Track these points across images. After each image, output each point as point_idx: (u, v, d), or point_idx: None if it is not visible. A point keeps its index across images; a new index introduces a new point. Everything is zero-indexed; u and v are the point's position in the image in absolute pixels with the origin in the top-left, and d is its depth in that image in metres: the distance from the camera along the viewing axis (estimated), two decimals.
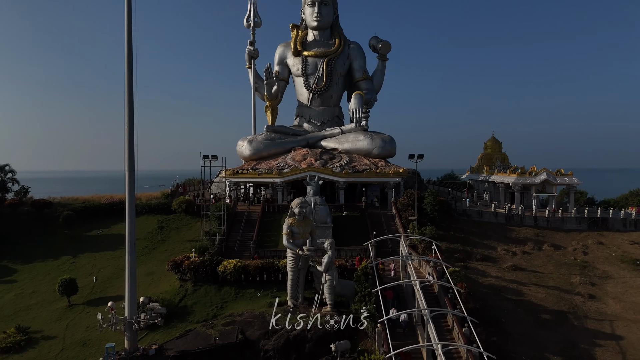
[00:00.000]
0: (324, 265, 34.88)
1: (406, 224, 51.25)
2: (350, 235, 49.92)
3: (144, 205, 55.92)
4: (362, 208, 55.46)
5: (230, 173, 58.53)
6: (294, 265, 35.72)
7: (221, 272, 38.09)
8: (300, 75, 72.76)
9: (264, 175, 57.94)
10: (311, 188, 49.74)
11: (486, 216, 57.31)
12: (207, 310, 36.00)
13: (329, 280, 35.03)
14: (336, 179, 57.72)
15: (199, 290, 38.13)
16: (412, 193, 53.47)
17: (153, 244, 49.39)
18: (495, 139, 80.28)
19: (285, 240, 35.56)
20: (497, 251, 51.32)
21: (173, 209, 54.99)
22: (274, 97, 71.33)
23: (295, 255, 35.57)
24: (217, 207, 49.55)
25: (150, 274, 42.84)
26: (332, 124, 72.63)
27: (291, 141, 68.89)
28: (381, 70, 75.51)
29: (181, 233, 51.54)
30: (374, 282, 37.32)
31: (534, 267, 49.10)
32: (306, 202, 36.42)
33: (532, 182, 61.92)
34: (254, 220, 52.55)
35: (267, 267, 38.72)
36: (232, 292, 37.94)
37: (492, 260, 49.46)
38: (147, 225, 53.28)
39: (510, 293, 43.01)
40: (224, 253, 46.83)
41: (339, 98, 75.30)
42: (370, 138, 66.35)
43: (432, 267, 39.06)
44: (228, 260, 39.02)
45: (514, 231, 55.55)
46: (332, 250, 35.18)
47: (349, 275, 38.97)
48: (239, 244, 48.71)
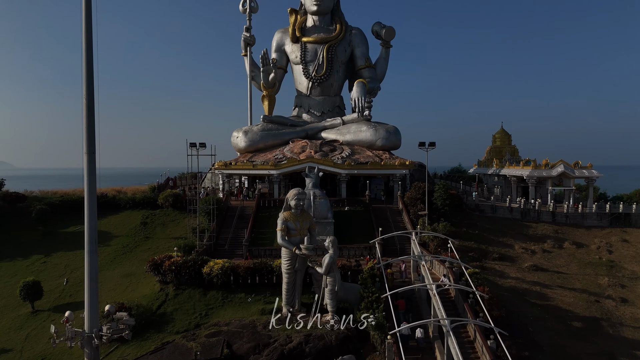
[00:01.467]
0: (324, 267, 29.40)
1: (415, 219, 45.72)
2: (353, 232, 44.44)
3: (128, 200, 50.44)
4: (365, 202, 49.94)
5: (222, 165, 53.00)
6: (290, 267, 30.22)
7: (206, 274, 32.54)
8: (299, 62, 67.15)
9: (259, 167, 52.39)
10: (310, 180, 44.26)
11: (500, 211, 51.73)
12: (189, 318, 30.47)
13: (330, 284, 29.54)
14: (338, 171, 52.18)
15: (181, 295, 32.55)
16: (421, 186, 47.94)
17: (135, 242, 43.84)
18: (504, 131, 74.70)
19: (280, 237, 30.03)
20: (515, 249, 45.78)
21: (159, 204, 49.44)
22: (271, 86, 65.71)
23: (291, 255, 30.07)
24: (207, 202, 44.02)
25: (129, 276, 37.30)
26: (332, 115, 67.03)
27: (289, 132, 63.31)
28: (385, 58, 69.88)
29: (167, 230, 45.99)
30: (382, 285, 31.85)
31: (557, 267, 43.57)
32: (304, 194, 30.88)
33: (549, 175, 56.34)
34: (247, 216, 47.04)
35: (259, 268, 33.17)
36: (219, 296, 32.39)
37: (510, 260, 43.93)
38: (131, 221, 47.77)
39: (534, 297, 37.49)
40: (213, 252, 41.33)
41: (340, 87, 69.69)
42: (374, 129, 60.81)
43: (447, 268, 33.54)
44: (215, 261, 33.47)
45: (531, 227, 50.00)
46: (334, 249, 29.69)
47: (353, 278, 33.45)
48: (231, 242, 43.22)
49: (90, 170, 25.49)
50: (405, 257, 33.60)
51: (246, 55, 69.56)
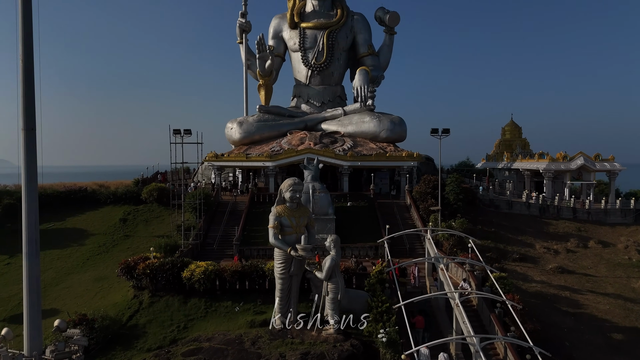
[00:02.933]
0: (325, 271, 24.18)
1: (425, 216, 40.51)
2: (356, 230, 39.24)
3: (109, 194, 45.14)
4: (370, 197, 44.70)
5: (212, 156, 47.75)
6: (284, 271, 24.96)
7: (186, 278, 27.24)
8: (298, 49, 61.86)
9: (253, 158, 47.12)
10: (309, 172, 39.03)
11: (517, 207, 46.48)
12: (164, 331, 25.21)
13: (332, 291, 24.31)
14: (339, 163, 46.95)
15: (157, 303, 27.25)
16: (431, 179, 42.70)
17: (113, 241, 38.56)
18: (514, 124, 69.36)
19: (272, 236, 24.71)
20: (536, 249, 40.57)
21: (143, 198, 44.19)
22: (267, 74, 60.34)
23: (285, 257, 24.80)
24: (194, 196, 38.79)
25: (101, 280, 32.01)
26: (333, 105, 61.73)
27: (287, 123, 58.01)
28: (388, 45, 64.46)
29: (150, 227, 40.72)
30: (393, 292, 26.64)
31: (583, 268, 38.37)
32: (301, 184, 25.57)
33: (567, 168, 51.09)
34: (240, 212, 41.82)
35: (248, 271, 27.86)
36: (202, 305, 27.07)
37: (532, 261, 38.72)
38: (111, 217, 42.46)
39: (564, 304, 32.26)
40: (199, 252, 36.16)
41: (341, 76, 64.36)
42: (378, 119, 55.52)
43: (468, 271, 28.34)
44: (196, 263, 28.15)
45: (551, 225, 44.78)
46: (336, 249, 24.47)
47: (359, 284, 28.19)
48: (220, 241, 37.99)
49: (29, 149, 20.08)
50: (421, 259, 28.30)
51: (242, 42, 64.10)
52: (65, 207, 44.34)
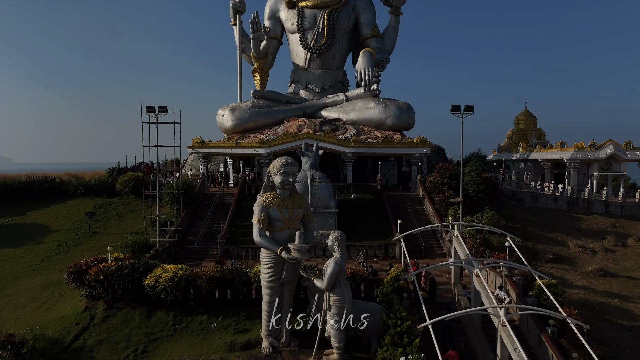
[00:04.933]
0: (327, 278, 17.82)
1: (441, 209, 34.27)
2: (363, 226, 33.01)
3: (79, 185, 38.88)
4: (376, 189, 38.47)
5: (197, 142, 41.43)
6: (273, 278, 18.62)
7: (149, 286, 20.98)
8: (296, 31, 55.54)
9: (243, 144, 40.82)
10: (308, 160, 32.81)
11: (542, 200, 40.18)
12: (117, 356, 18.94)
13: (336, 305, 17.96)
14: (342, 150, 40.70)
15: (113, 318, 20.96)
16: (447, 168, 36.48)
17: (77, 239, 32.27)
18: (528, 112, 63.10)
19: (258, 232, 18.22)
20: (570, 248, 34.30)
21: (118, 190, 37.94)
22: (262, 56, 53.94)
23: (275, 260, 18.42)
24: (173, 186, 32.51)
25: (51, 287, 25.61)
26: (334, 91, 55.38)
27: (284, 110, 51.69)
28: (394, 27, 58.20)
29: (123, 222, 34.46)
30: (413, 303, 20.36)
31: (627, 270, 32.09)
32: (295, 164, 19.20)
33: (595, 157, 44.82)
34: (227, 206, 35.59)
35: (229, 277, 21.54)
36: (169, 320, 20.78)
37: (567, 262, 32.43)
38: (79, 211, 36.07)
39: (616, 314, 25.95)
40: (177, 252, 29.93)
41: (343, 60, 58.02)
42: (383, 105, 49.23)
43: (505, 276, 22.04)
44: (164, 267, 21.77)
45: (582, 220, 38.49)
46: (341, 249, 18.09)
47: (368, 292, 21.87)
48: (203, 238, 31.75)
49: None
50: (450, 262, 21.95)
51: (235, 24, 57.74)
52: (29, 200, 38.04)
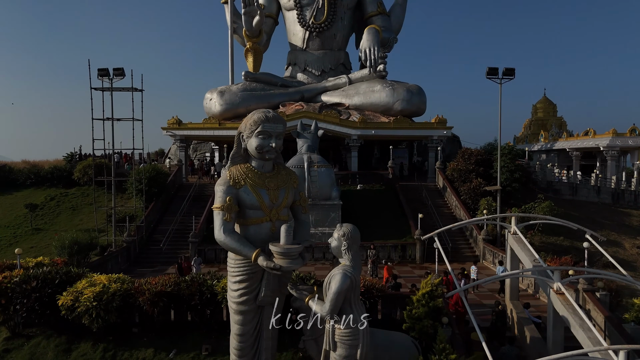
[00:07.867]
0: (330, 299, 10.67)
1: (469, 200, 27.38)
2: (372, 222, 26.13)
3: (30, 174, 32.10)
4: (388, 178, 31.62)
5: (174, 122, 34.57)
6: (246, 297, 11.20)
7: (66, 307, 14.08)
8: (293, 7, 48.88)
9: (227, 125, 34.01)
10: (305, 141, 25.97)
11: (583, 193, 33.30)
12: None
13: (344, 342, 10.84)
14: (346, 131, 33.96)
15: (16, 353, 14.10)
16: (472, 152, 29.64)
17: (14, 237, 25.42)
18: (548, 100, 56.32)
19: (220, 226, 10.62)
20: (626, 249, 27.39)
21: (75, 179, 31.15)
22: (255, 34, 47.08)
23: (248, 270, 11.10)
24: (140, 172, 25.62)
25: None
26: (335, 74, 48.70)
27: (279, 94, 44.99)
28: (401, 5, 51.67)
29: (77, 217, 27.67)
30: (454, 332, 13.42)
31: None
32: (280, 120, 11.97)
33: (636, 144, 37.99)
34: (206, 198, 28.72)
35: (186, 293, 14.63)
36: (98, 355, 13.94)
37: (626, 266, 25.40)
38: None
39: None
40: (138, 254, 23.07)
41: (345, 40, 51.35)
42: (391, 88, 42.49)
43: (585, 292, 15.13)
44: (91, 279, 14.80)
45: (632, 216, 31.61)
46: (352, 254, 10.96)
47: (387, 313, 14.86)
48: (173, 237, 24.92)
49: None
50: (517, 271, 14.92)
51: (227, 2, 51.20)
52: None
